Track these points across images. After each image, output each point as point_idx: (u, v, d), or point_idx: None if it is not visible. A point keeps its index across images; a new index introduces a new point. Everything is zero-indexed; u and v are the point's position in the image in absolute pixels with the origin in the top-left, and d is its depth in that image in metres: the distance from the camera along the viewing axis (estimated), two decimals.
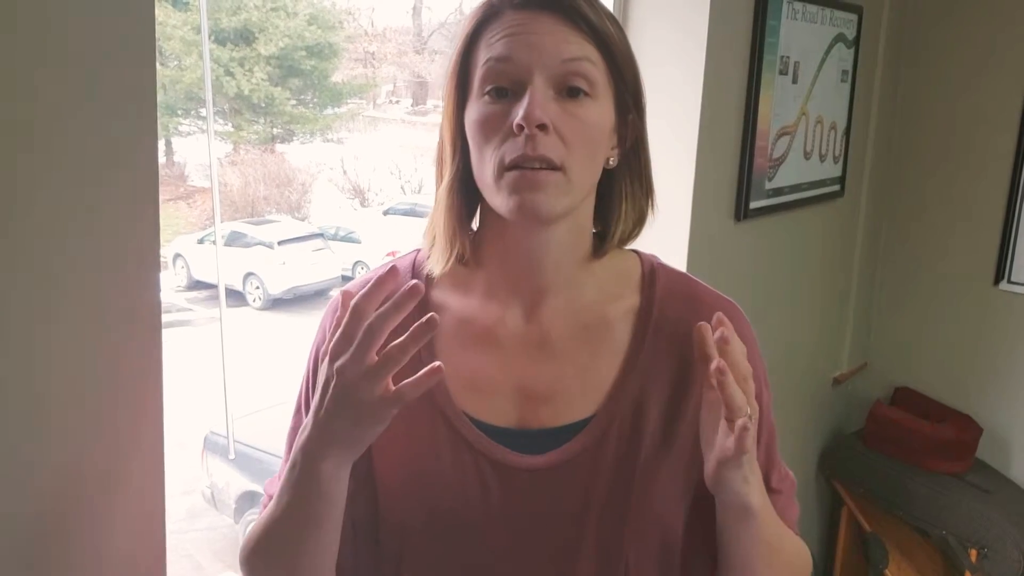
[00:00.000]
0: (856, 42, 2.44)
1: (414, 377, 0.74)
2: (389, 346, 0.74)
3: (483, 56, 0.83)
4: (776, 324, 2.41)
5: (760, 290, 2.28)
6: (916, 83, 2.69)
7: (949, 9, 2.61)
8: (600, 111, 0.83)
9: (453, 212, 0.88)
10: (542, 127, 0.79)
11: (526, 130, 0.78)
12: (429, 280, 0.91)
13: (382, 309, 0.73)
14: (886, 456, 2.64)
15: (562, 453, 0.86)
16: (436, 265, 0.89)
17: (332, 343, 0.76)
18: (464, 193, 0.89)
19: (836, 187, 2.52)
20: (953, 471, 2.56)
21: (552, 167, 0.80)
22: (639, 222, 0.93)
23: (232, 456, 5.28)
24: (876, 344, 2.89)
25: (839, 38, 2.35)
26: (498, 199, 0.82)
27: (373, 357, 0.74)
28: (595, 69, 0.82)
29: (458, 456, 0.86)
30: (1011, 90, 2.53)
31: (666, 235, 1.94)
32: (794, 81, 2.19)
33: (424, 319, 0.72)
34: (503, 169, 0.81)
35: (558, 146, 0.80)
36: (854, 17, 2.41)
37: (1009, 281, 2.60)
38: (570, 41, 0.81)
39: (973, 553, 2.44)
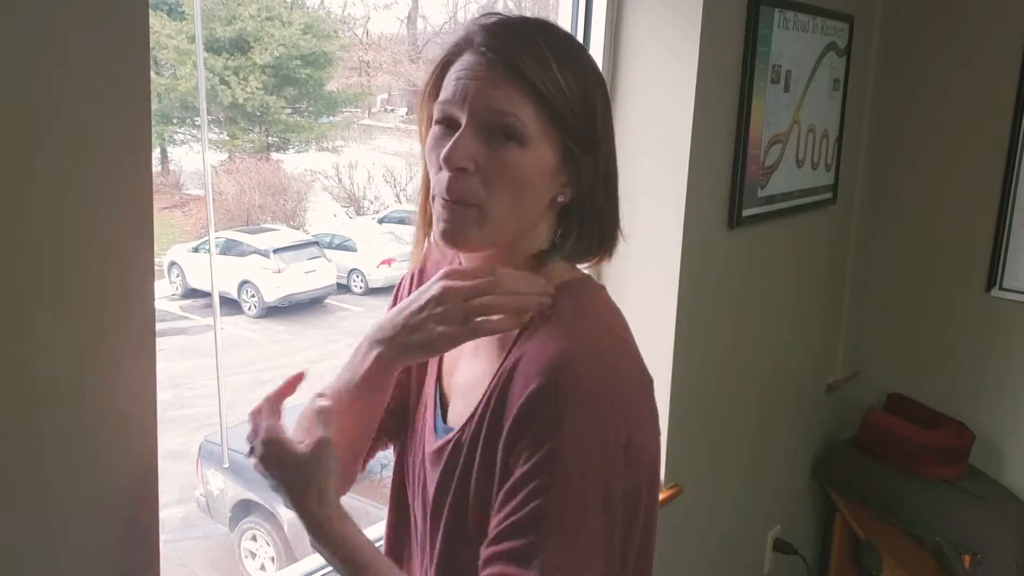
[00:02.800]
0: (848, 51, 2.46)
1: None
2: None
3: (442, 91, 0.92)
4: (769, 331, 2.42)
5: (753, 297, 2.29)
6: (908, 91, 2.71)
7: (940, 18, 2.63)
8: (529, 158, 0.88)
9: (423, 222, 1.00)
10: (462, 170, 0.87)
11: (446, 170, 0.87)
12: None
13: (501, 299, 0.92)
14: (880, 463, 2.65)
15: (436, 445, 0.99)
16: (412, 263, 1.08)
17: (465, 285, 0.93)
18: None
19: (828, 195, 2.53)
20: (946, 477, 2.57)
21: (468, 204, 0.89)
22: (588, 252, 0.97)
23: (226, 465, 5.26)
24: (869, 351, 2.90)
25: (831, 47, 2.37)
26: (433, 222, 0.94)
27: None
28: (521, 122, 0.87)
29: (417, 412, 1.06)
30: (1002, 95, 2.54)
31: (659, 243, 1.95)
32: (786, 90, 2.21)
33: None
34: (434, 195, 0.92)
35: (478, 189, 0.88)
36: (845, 26, 2.42)
37: (1001, 288, 2.62)
38: (499, 91, 0.87)
39: (967, 559, 2.44)
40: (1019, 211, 2.55)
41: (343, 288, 10.13)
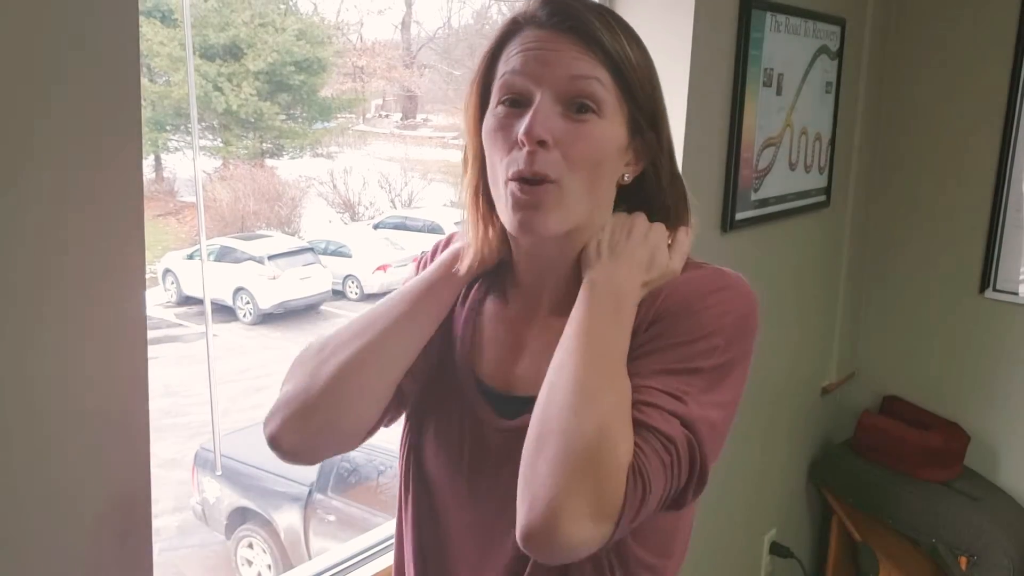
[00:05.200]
0: (840, 54, 2.46)
1: None
2: None
3: (501, 70, 0.87)
4: (764, 335, 2.42)
5: None
6: (900, 93, 2.72)
7: (931, 20, 2.64)
8: (606, 130, 0.86)
9: (476, 218, 0.95)
10: (542, 143, 0.83)
11: (527, 145, 0.82)
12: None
13: None
14: (875, 465, 2.65)
15: (522, 420, 0.89)
16: (463, 266, 0.96)
17: None
18: (488, 198, 0.93)
19: (822, 197, 2.54)
20: (942, 479, 2.58)
21: (547, 181, 0.84)
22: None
23: (219, 472, 5.25)
24: (864, 353, 2.91)
25: (822, 50, 2.38)
26: (504, 215, 0.88)
27: None
28: (603, 89, 0.85)
29: (453, 404, 0.98)
30: (994, 98, 2.55)
31: None
32: (778, 93, 2.21)
33: None
34: (506, 180, 0.86)
35: (558, 163, 0.84)
36: (837, 29, 2.43)
37: (994, 289, 2.62)
38: (580, 60, 0.84)
39: (963, 561, 2.45)
40: (1011, 212, 2.56)
41: (338, 294, 10.13)
